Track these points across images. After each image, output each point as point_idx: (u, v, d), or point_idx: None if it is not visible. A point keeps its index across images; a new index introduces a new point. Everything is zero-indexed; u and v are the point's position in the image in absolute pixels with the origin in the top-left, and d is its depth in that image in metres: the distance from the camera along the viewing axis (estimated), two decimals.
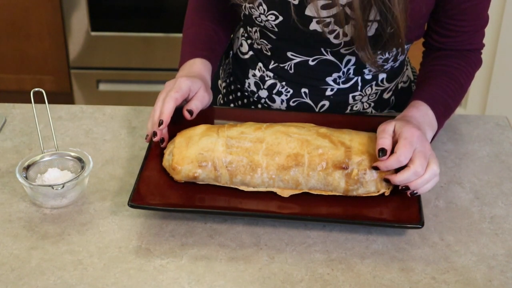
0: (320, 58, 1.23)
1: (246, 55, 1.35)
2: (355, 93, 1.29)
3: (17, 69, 2.78)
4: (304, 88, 1.29)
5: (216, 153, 1.07)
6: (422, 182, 1.02)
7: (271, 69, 1.30)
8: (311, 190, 1.07)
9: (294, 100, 1.30)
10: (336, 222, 1.04)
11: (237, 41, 1.38)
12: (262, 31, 1.25)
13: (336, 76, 1.25)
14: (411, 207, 1.04)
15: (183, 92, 1.14)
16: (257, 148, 1.08)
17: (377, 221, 1.04)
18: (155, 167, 1.11)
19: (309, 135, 1.09)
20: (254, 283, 0.97)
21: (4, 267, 0.99)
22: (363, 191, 1.07)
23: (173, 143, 1.11)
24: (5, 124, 1.30)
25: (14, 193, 1.12)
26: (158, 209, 1.05)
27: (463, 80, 1.22)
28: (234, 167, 1.07)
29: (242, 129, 1.11)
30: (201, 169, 1.07)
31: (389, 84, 1.31)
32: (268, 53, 1.29)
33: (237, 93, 1.39)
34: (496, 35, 2.66)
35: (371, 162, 1.05)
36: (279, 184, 1.07)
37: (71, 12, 2.64)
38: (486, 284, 0.97)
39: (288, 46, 1.24)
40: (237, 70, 1.38)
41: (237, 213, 1.05)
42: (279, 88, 1.30)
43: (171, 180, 1.10)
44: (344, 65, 1.23)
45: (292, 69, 1.27)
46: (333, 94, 1.28)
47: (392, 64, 1.27)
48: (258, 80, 1.33)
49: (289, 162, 1.06)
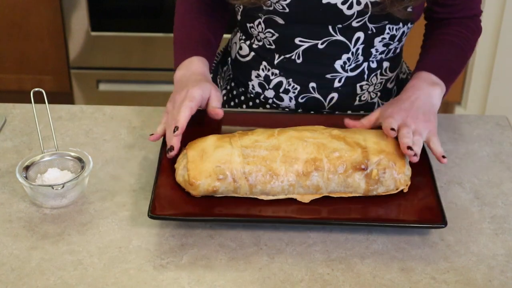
0: (329, 40, 1.23)
1: (247, 57, 1.34)
2: (362, 83, 1.30)
3: (17, 69, 2.78)
4: (312, 82, 1.29)
5: (233, 164, 1.06)
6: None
7: (277, 65, 1.30)
8: (331, 194, 1.07)
9: (302, 96, 1.31)
10: (359, 226, 1.04)
11: (235, 46, 1.38)
12: (268, 19, 1.24)
13: (346, 59, 1.26)
14: (432, 207, 1.04)
15: (197, 101, 1.15)
16: (274, 155, 1.06)
17: (398, 222, 1.04)
18: (169, 179, 1.09)
19: (324, 139, 1.08)
20: (254, 283, 0.97)
21: (4, 267, 0.99)
22: (383, 190, 1.07)
23: (186, 157, 1.09)
24: (5, 124, 1.30)
25: (14, 193, 1.12)
26: (180, 219, 1.03)
27: (463, 44, 1.27)
28: (254, 177, 1.05)
29: (255, 137, 1.09)
30: (220, 182, 1.05)
31: (392, 74, 1.33)
32: (272, 47, 1.28)
33: (241, 97, 1.38)
34: (496, 35, 2.66)
35: (389, 161, 1.06)
36: (299, 190, 1.07)
37: (71, 12, 2.64)
38: (486, 284, 0.97)
39: (296, 31, 1.24)
40: (238, 74, 1.38)
41: (260, 220, 1.05)
42: (285, 86, 1.30)
43: (186, 194, 1.08)
44: (354, 44, 1.24)
45: (300, 57, 1.27)
46: (341, 85, 1.29)
47: (396, 45, 1.30)
48: (262, 81, 1.33)
49: (308, 167, 1.06)
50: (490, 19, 2.64)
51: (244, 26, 1.32)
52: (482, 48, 2.71)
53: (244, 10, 1.27)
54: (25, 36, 2.70)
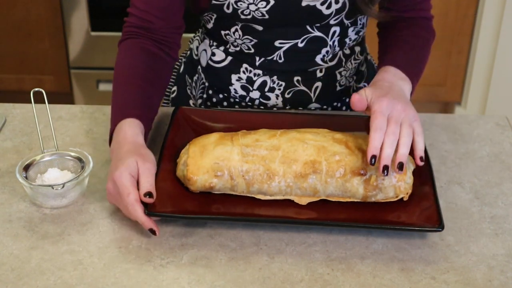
0: (308, 37, 1.26)
1: (223, 62, 1.33)
2: (340, 69, 1.35)
3: (17, 69, 2.78)
4: (296, 76, 1.31)
5: (232, 162, 1.06)
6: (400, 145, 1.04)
7: (259, 66, 1.30)
8: (329, 197, 1.07)
9: (289, 91, 1.32)
10: (356, 227, 1.04)
11: (205, 53, 1.36)
12: (246, 26, 1.25)
13: (325, 52, 1.29)
14: (430, 209, 1.04)
15: (135, 190, 1.02)
16: (273, 156, 1.06)
17: (396, 225, 1.03)
18: (168, 177, 1.09)
19: (325, 141, 1.08)
20: (254, 283, 0.97)
21: (4, 267, 0.99)
22: (382, 197, 1.06)
23: (187, 153, 1.09)
24: (5, 124, 1.30)
25: (14, 193, 1.12)
26: (177, 216, 1.03)
27: (418, 41, 1.28)
28: (251, 176, 1.05)
29: (256, 136, 1.09)
30: (217, 179, 1.06)
31: (361, 57, 1.39)
32: (251, 51, 1.29)
33: (223, 103, 1.37)
34: (496, 35, 2.66)
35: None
36: (296, 192, 1.07)
37: (71, 12, 2.64)
38: (486, 284, 0.97)
39: (275, 35, 1.25)
40: (215, 81, 1.36)
41: (257, 220, 1.05)
42: (270, 84, 1.31)
43: (186, 190, 1.08)
44: (330, 38, 1.28)
45: (281, 58, 1.28)
46: (323, 75, 1.33)
47: (364, 30, 1.34)
48: (245, 83, 1.32)
49: (306, 169, 1.05)
50: (490, 19, 2.65)
51: (217, 34, 1.31)
52: (482, 48, 2.71)
53: (218, 18, 1.27)
54: (25, 36, 2.71)
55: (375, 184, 1.05)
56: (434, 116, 1.34)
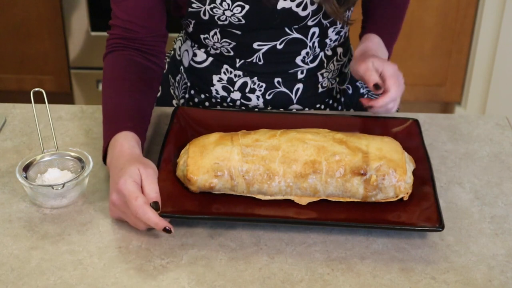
0: (287, 39, 1.26)
1: (204, 63, 1.33)
2: (322, 71, 1.35)
3: (17, 69, 2.78)
4: (276, 77, 1.31)
5: (232, 162, 1.06)
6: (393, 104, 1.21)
7: (239, 67, 1.30)
8: (329, 197, 1.07)
9: (270, 93, 1.32)
10: (356, 227, 1.04)
11: (186, 54, 1.36)
12: (224, 30, 1.25)
13: (305, 54, 1.30)
14: (430, 209, 1.04)
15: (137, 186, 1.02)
16: (273, 156, 1.06)
17: (396, 225, 1.03)
18: (168, 177, 1.09)
19: (325, 142, 1.08)
20: (254, 283, 0.97)
21: (4, 267, 0.99)
22: (382, 197, 1.06)
23: (187, 153, 1.09)
24: (5, 124, 1.30)
25: (14, 193, 1.12)
26: (177, 216, 1.03)
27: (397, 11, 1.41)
28: (251, 176, 1.05)
29: (256, 136, 1.09)
30: (217, 179, 1.06)
31: (345, 58, 1.40)
32: (230, 53, 1.29)
33: (205, 103, 1.37)
34: (496, 35, 2.66)
35: (389, 167, 1.05)
36: (296, 192, 1.07)
37: (71, 12, 2.64)
38: (486, 284, 0.97)
39: (253, 37, 1.25)
40: (196, 81, 1.36)
41: (257, 220, 1.05)
42: (251, 85, 1.31)
43: (186, 190, 1.08)
44: (310, 39, 1.28)
45: (261, 60, 1.29)
46: (304, 76, 1.33)
47: (345, 30, 1.37)
48: (226, 84, 1.32)
49: (306, 169, 1.05)
50: (490, 19, 2.65)
51: (197, 37, 1.31)
52: (482, 48, 2.71)
53: (197, 23, 1.27)
54: (25, 36, 2.70)
55: (375, 184, 1.05)
56: (434, 116, 1.34)
